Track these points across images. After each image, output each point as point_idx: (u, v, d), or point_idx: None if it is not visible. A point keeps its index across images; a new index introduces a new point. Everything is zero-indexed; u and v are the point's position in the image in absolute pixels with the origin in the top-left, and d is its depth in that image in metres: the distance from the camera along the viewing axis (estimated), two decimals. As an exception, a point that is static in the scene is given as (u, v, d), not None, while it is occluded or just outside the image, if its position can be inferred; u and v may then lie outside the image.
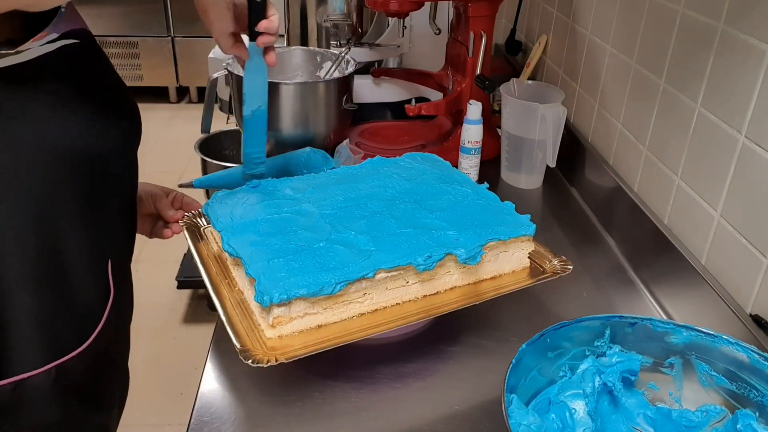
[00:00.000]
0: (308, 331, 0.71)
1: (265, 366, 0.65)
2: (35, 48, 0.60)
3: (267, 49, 0.81)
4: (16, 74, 0.59)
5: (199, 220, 0.91)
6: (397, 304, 0.76)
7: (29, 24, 0.62)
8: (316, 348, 0.68)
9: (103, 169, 0.69)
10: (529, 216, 0.84)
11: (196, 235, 0.88)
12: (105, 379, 0.75)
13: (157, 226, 0.94)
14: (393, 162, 0.99)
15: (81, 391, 0.70)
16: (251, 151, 0.91)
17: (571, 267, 0.82)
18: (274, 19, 0.77)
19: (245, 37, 0.80)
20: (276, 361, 0.66)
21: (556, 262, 0.84)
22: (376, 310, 0.75)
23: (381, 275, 0.73)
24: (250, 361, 0.65)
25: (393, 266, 0.73)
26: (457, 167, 1.20)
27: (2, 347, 0.62)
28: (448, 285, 0.79)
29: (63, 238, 0.65)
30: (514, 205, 0.86)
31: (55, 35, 0.62)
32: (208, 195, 1.52)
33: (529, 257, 0.85)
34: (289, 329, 0.70)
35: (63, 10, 0.64)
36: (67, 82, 0.64)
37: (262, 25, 0.76)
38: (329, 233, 0.78)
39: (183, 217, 0.91)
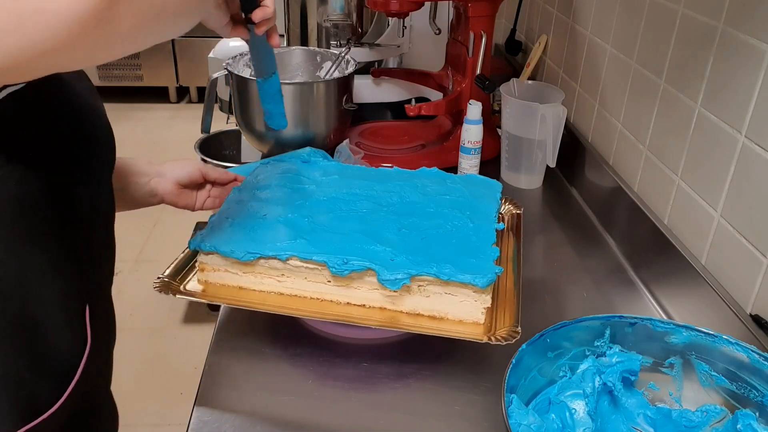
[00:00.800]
0: (230, 288, 0.80)
1: (159, 293, 0.76)
2: None
3: (269, 32, 0.80)
4: None
5: None
6: (317, 298, 0.78)
7: None
8: (224, 302, 0.78)
9: (71, 211, 0.62)
10: (500, 269, 0.74)
11: None
12: (88, 418, 0.71)
13: (201, 196, 0.96)
14: (440, 176, 0.96)
15: None
16: (271, 108, 0.91)
17: (518, 335, 0.69)
18: (268, 3, 0.76)
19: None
20: (175, 295, 0.77)
21: (507, 329, 0.71)
22: (296, 295, 0.78)
23: (295, 262, 0.76)
24: (156, 288, 0.75)
25: (306, 258, 0.75)
26: (456, 167, 1.20)
27: None
28: (374, 302, 0.76)
29: (31, 293, 0.59)
30: (499, 253, 0.78)
31: None
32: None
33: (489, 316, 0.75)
34: (214, 279, 0.80)
35: None
36: (18, 131, 0.56)
37: (257, 15, 0.75)
38: (290, 213, 0.82)
39: (234, 179, 0.97)
